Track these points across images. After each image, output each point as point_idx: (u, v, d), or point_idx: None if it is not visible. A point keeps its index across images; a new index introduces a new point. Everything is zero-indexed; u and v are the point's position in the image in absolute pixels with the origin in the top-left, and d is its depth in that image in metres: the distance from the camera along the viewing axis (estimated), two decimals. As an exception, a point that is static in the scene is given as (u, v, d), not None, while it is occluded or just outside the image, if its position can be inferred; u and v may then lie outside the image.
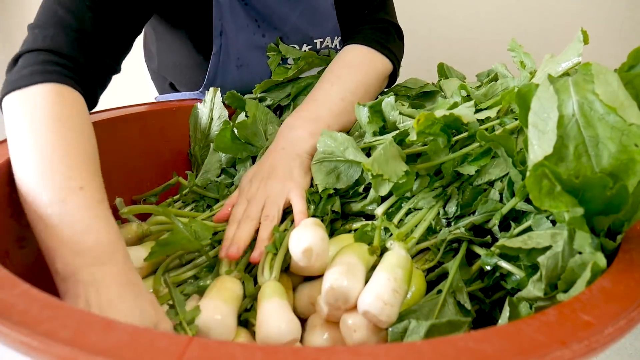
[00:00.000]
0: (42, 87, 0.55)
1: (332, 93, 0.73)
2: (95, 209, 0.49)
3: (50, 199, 0.48)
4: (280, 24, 0.84)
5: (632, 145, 0.38)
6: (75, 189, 0.49)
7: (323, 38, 0.88)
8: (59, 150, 0.51)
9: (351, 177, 0.62)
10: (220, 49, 0.81)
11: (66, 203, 0.48)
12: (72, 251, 0.46)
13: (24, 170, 0.51)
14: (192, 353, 0.29)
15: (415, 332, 0.42)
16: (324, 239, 0.50)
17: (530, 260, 0.46)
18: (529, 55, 0.71)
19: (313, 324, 0.50)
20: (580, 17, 1.49)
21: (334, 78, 0.76)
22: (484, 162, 0.56)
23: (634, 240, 0.44)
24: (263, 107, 0.80)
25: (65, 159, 0.51)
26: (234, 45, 0.82)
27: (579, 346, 0.31)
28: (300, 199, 0.61)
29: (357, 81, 0.76)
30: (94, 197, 0.50)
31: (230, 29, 0.81)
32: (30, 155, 0.51)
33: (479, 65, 0.88)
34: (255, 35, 0.83)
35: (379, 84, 0.80)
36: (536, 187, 0.38)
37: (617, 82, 0.40)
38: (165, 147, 0.79)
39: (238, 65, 0.84)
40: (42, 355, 0.29)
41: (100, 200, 0.50)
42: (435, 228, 0.55)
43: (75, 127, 0.55)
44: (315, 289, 0.52)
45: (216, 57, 0.82)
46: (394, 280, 0.45)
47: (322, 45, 0.89)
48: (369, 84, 0.77)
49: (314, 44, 0.88)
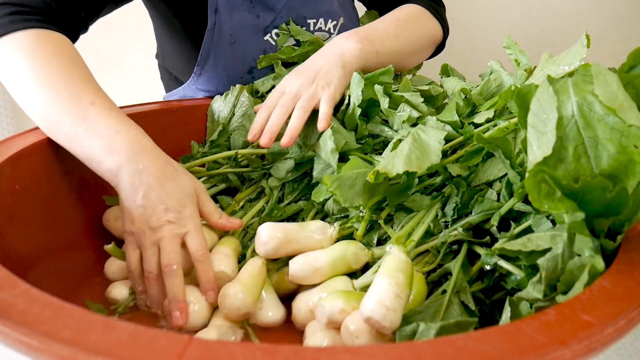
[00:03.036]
0: (25, 32, 0.59)
1: (389, 30, 0.77)
2: (111, 115, 0.56)
3: (71, 122, 0.56)
4: (274, 2, 0.85)
5: (632, 146, 0.38)
6: (89, 105, 0.56)
7: (316, 19, 0.89)
8: (61, 78, 0.57)
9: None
10: (214, 26, 0.83)
11: (87, 120, 0.55)
12: (109, 153, 0.54)
13: (36, 108, 0.57)
14: (192, 353, 0.29)
15: (425, 335, 0.41)
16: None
17: (530, 262, 0.46)
18: (524, 52, 0.70)
19: (312, 330, 0.49)
20: (580, 17, 1.49)
21: (392, 20, 0.80)
22: (476, 161, 0.56)
23: (634, 240, 0.44)
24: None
25: (69, 84, 0.57)
26: (227, 22, 0.83)
27: (579, 346, 0.31)
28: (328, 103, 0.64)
29: (412, 32, 0.80)
30: (106, 106, 0.57)
31: (224, 7, 0.82)
32: (37, 92, 0.57)
33: (479, 65, 0.88)
34: (249, 15, 0.85)
35: (429, 47, 0.85)
36: (535, 189, 0.38)
37: (616, 83, 0.40)
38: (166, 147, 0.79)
39: (231, 43, 0.85)
40: (42, 355, 0.29)
41: (111, 108, 0.58)
42: (433, 230, 0.55)
43: (67, 57, 0.60)
44: (313, 296, 0.52)
45: (210, 33, 0.83)
46: (395, 284, 0.44)
47: (316, 27, 0.90)
48: (421, 41, 0.82)
49: (307, 24, 0.89)
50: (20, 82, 0.58)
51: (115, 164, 0.54)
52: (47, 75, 0.57)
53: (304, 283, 0.53)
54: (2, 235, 0.50)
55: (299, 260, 0.53)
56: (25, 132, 0.61)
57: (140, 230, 0.52)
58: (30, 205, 0.56)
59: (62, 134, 0.56)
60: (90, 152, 0.55)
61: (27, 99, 0.58)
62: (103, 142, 0.54)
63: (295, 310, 0.52)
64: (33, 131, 0.62)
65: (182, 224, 0.53)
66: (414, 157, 0.51)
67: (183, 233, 0.53)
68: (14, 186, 0.54)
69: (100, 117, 0.56)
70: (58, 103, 0.56)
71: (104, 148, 0.54)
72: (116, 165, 0.54)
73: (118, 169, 0.54)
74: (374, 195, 0.55)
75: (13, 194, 0.54)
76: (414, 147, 0.53)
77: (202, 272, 0.53)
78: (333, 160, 0.60)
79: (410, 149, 0.52)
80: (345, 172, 0.54)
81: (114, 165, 0.54)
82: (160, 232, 0.52)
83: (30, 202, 0.56)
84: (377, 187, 0.55)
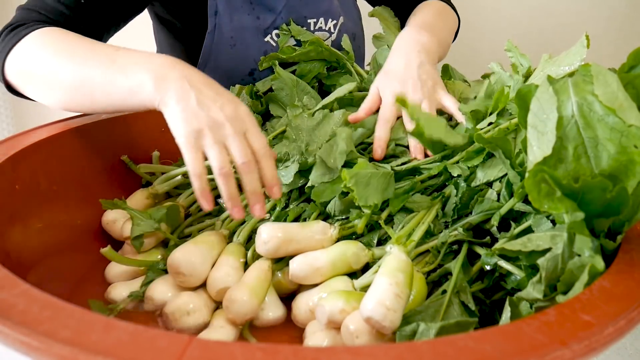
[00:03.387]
0: (37, 31, 0.62)
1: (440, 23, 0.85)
2: (139, 51, 0.58)
3: (103, 69, 0.57)
4: (273, 3, 0.86)
5: (632, 146, 0.38)
6: (114, 52, 0.58)
7: (317, 19, 0.90)
8: (84, 46, 0.60)
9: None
10: (214, 28, 0.83)
11: (117, 61, 0.57)
12: (148, 72, 0.54)
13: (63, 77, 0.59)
14: (192, 353, 0.29)
15: (425, 334, 0.41)
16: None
17: (530, 262, 0.46)
18: (525, 56, 0.70)
19: (312, 330, 0.49)
20: (580, 17, 1.49)
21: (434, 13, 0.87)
22: (476, 162, 0.56)
23: (634, 240, 0.44)
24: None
25: (89, 50, 0.59)
26: (227, 24, 0.83)
27: (579, 346, 0.31)
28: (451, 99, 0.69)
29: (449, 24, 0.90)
30: (131, 50, 0.58)
31: (224, 9, 0.82)
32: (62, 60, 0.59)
33: (479, 66, 0.88)
34: (249, 16, 0.85)
35: (452, 39, 0.92)
36: (535, 189, 0.38)
37: (616, 83, 0.40)
38: (166, 148, 0.79)
39: (231, 45, 0.85)
40: (42, 355, 0.29)
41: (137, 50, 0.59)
42: (433, 230, 0.55)
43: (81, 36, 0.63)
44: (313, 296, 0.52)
45: (210, 36, 0.83)
46: (395, 284, 0.44)
47: (316, 27, 0.90)
48: (452, 32, 0.91)
49: (307, 24, 0.89)
50: (45, 59, 0.60)
51: (159, 78, 0.53)
52: (71, 46, 0.60)
53: (304, 283, 0.53)
54: (2, 235, 0.50)
55: (299, 260, 0.53)
56: (25, 132, 0.61)
57: (199, 130, 0.51)
58: (30, 205, 0.56)
59: (97, 85, 0.57)
60: (128, 84, 0.55)
61: (53, 72, 0.59)
62: (140, 67, 0.55)
63: (296, 310, 0.52)
64: (33, 131, 0.62)
65: (240, 120, 0.53)
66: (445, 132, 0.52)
67: (244, 130, 0.53)
68: (14, 186, 0.54)
69: (129, 54, 0.57)
70: (86, 62, 0.58)
71: (143, 71, 0.54)
72: (160, 79, 0.53)
73: (162, 80, 0.53)
74: (385, 195, 0.55)
75: (13, 194, 0.54)
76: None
77: (267, 167, 0.54)
78: (340, 161, 0.60)
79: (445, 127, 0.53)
80: (361, 170, 0.54)
81: (157, 80, 0.53)
82: (223, 130, 0.51)
83: (30, 202, 0.56)
84: (387, 188, 0.55)
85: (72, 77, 0.58)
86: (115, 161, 0.71)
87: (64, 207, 0.62)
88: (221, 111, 0.52)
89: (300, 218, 0.62)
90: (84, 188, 0.65)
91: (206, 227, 0.65)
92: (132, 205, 0.65)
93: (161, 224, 0.60)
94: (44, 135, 0.60)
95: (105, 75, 0.56)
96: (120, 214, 0.64)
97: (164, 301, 0.53)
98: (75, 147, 0.65)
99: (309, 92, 0.79)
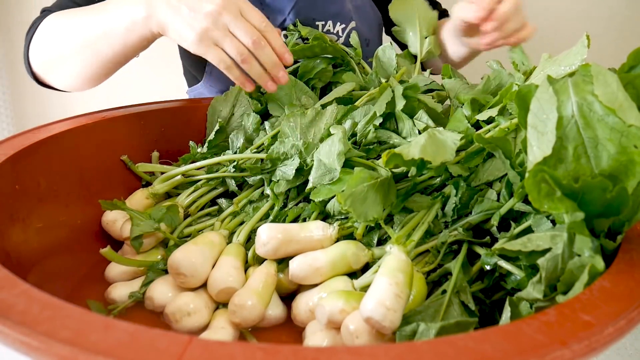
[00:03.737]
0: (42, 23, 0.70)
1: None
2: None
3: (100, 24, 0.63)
4: (282, 5, 0.86)
5: (632, 146, 0.38)
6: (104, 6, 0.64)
7: (325, 21, 0.90)
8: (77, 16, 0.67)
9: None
10: None
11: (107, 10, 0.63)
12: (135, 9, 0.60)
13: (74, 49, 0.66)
14: (192, 353, 0.29)
15: (425, 335, 0.41)
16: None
17: (530, 262, 0.46)
18: (525, 55, 0.70)
19: (312, 330, 0.49)
20: (580, 17, 1.49)
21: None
22: (477, 162, 0.56)
23: (634, 240, 0.44)
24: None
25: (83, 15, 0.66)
26: None
27: (579, 346, 0.31)
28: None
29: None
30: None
31: None
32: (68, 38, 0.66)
33: (479, 66, 0.88)
34: None
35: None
36: (535, 189, 0.38)
37: (616, 83, 0.40)
38: (166, 147, 0.79)
39: None
40: (42, 355, 0.29)
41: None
42: (433, 230, 0.55)
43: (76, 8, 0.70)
44: (313, 296, 0.52)
45: None
46: (395, 284, 0.44)
47: (324, 30, 0.90)
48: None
49: (315, 27, 0.89)
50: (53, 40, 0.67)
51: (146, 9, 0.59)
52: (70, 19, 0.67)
53: (304, 283, 0.53)
54: (2, 235, 0.50)
55: (299, 260, 0.53)
56: (25, 132, 0.61)
57: (203, 31, 0.56)
58: (30, 205, 0.56)
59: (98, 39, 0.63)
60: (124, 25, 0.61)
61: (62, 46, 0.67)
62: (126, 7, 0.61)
63: (296, 310, 0.52)
64: (33, 131, 0.62)
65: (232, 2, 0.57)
66: (429, 149, 0.51)
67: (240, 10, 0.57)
68: (14, 186, 0.54)
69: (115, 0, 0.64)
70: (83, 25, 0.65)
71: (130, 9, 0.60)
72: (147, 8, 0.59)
73: (149, 6, 0.59)
74: (385, 204, 0.55)
75: (13, 194, 0.54)
76: (430, 142, 0.52)
77: (274, 39, 0.58)
78: (338, 163, 0.59)
79: (427, 142, 0.52)
80: (356, 186, 0.52)
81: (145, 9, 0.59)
82: (222, 18, 0.56)
83: (30, 202, 0.56)
84: (388, 195, 0.55)
85: (75, 43, 0.65)
86: (115, 161, 0.71)
87: (64, 207, 0.62)
88: (211, 4, 0.56)
89: (299, 218, 0.62)
90: (84, 188, 0.65)
91: (206, 227, 0.65)
92: (132, 206, 0.65)
93: (161, 224, 0.60)
94: (44, 135, 0.60)
95: (101, 26, 0.63)
96: (120, 214, 0.64)
97: (164, 301, 0.53)
98: (75, 147, 0.65)
99: (307, 92, 0.79)
